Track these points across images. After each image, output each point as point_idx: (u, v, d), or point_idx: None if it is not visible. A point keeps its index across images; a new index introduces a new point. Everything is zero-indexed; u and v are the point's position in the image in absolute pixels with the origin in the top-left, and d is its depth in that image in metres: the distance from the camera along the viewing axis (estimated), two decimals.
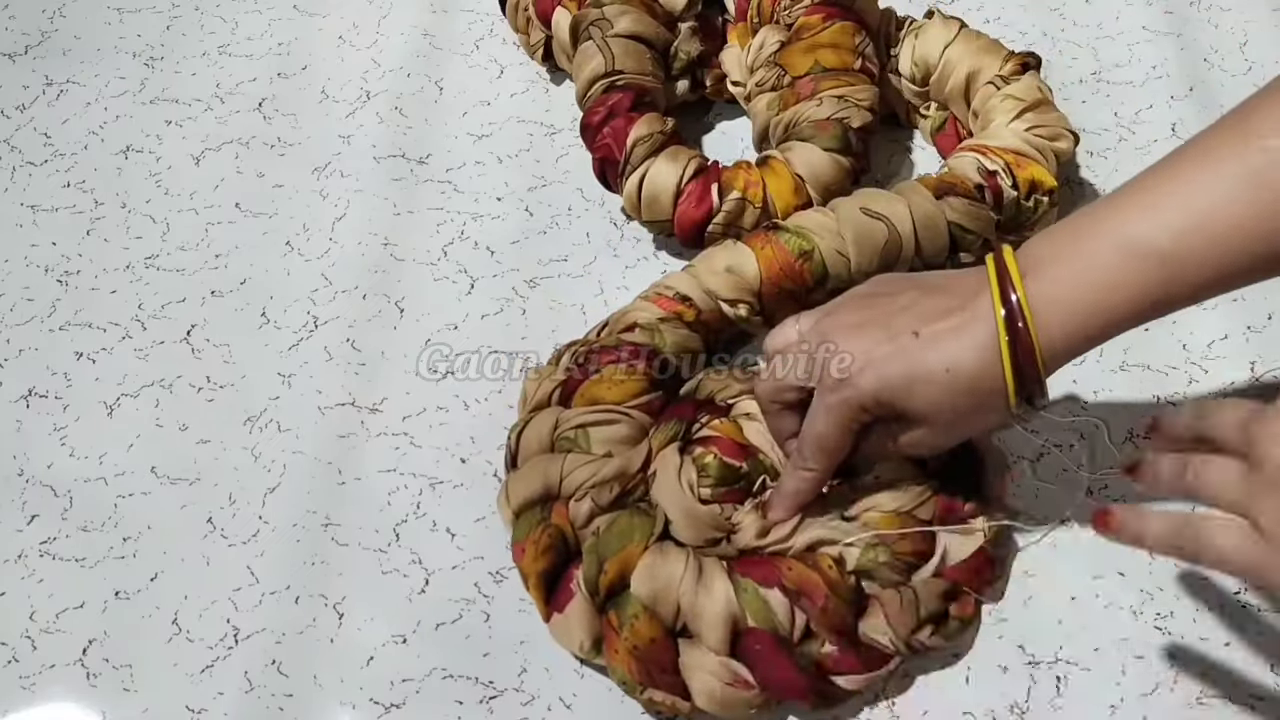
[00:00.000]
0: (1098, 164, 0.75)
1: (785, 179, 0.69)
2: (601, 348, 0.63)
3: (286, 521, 0.62)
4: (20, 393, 0.67)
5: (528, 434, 0.61)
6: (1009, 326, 0.52)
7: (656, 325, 0.64)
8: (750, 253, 0.65)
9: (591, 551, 0.57)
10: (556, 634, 0.57)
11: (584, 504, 0.58)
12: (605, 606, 0.56)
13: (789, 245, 0.64)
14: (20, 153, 0.78)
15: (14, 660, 0.58)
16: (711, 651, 0.55)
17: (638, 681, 0.55)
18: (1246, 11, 0.82)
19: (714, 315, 0.65)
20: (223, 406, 0.67)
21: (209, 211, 0.75)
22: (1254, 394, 0.66)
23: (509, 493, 0.60)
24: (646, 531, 0.57)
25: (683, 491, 0.58)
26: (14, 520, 0.63)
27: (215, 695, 0.57)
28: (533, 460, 0.60)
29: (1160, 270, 0.51)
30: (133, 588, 0.61)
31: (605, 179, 0.72)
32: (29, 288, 0.72)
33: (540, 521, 0.58)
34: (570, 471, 0.59)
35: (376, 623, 0.59)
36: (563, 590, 0.57)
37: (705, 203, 0.69)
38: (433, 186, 0.76)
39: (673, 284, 0.65)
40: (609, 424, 0.60)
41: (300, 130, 0.79)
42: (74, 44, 0.84)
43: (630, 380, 0.61)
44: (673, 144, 0.71)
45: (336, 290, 0.71)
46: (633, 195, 0.70)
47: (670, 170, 0.69)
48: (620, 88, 0.72)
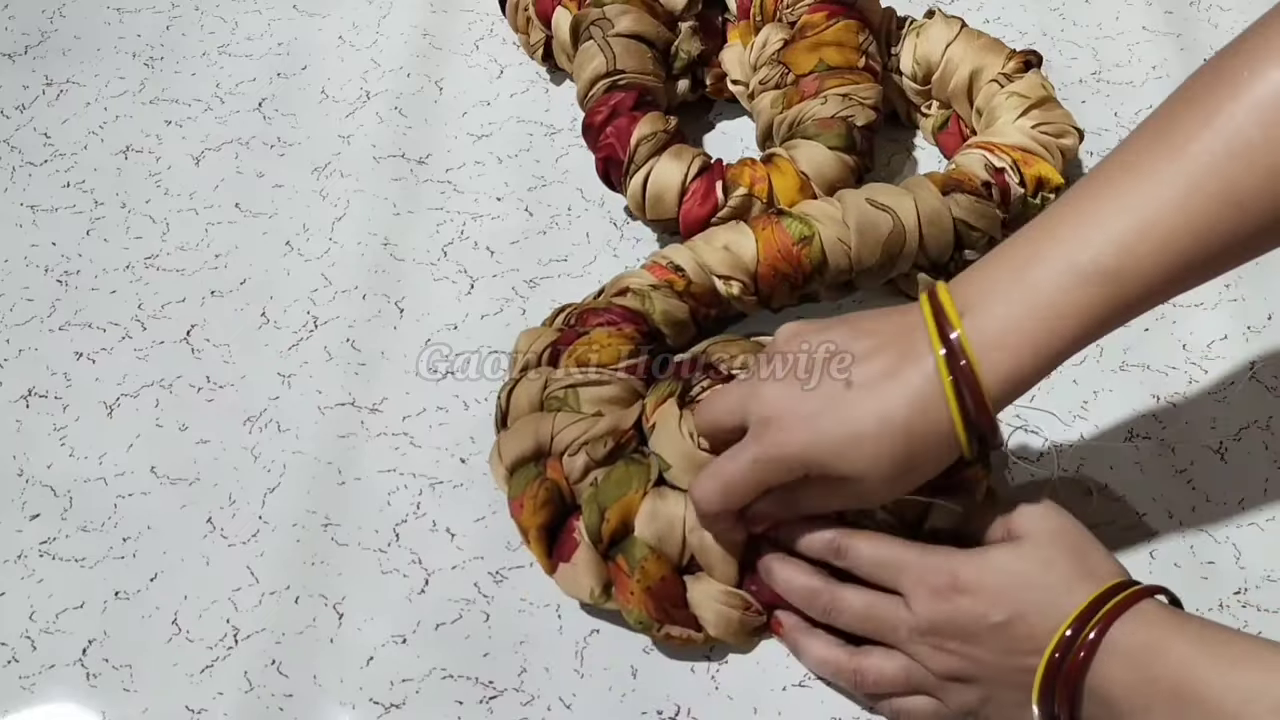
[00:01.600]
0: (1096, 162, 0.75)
1: (790, 177, 0.69)
2: (592, 309, 0.64)
3: (286, 521, 0.62)
4: (20, 393, 0.67)
5: (518, 394, 0.62)
6: (951, 367, 0.49)
7: (648, 291, 0.64)
8: (751, 233, 0.65)
9: (591, 501, 0.58)
10: (564, 584, 0.58)
11: (579, 458, 0.59)
12: (609, 553, 0.58)
13: (790, 230, 0.65)
14: (20, 153, 0.78)
15: (14, 660, 0.58)
16: (719, 584, 0.57)
17: (654, 619, 0.57)
18: (1246, 11, 0.82)
19: (705, 289, 0.65)
20: (223, 406, 0.67)
21: (209, 211, 0.75)
22: (1255, 393, 0.66)
23: (501, 450, 0.60)
24: (644, 479, 0.58)
25: (683, 439, 0.59)
26: (14, 520, 0.63)
27: (215, 695, 0.57)
28: (523, 419, 0.61)
29: (1107, 289, 0.49)
30: (133, 588, 0.61)
31: (609, 179, 0.72)
32: (29, 288, 0.72)
33: (536, 476, 0.59)
34: (561, 429, 0.60)
35: (376, 623, 0.59)
36: (565, 542, 0.58)
37: (710, 200, 0.69)
38: (433, 186, 0.76)
39: (669, 254, 0.66)
40: (598, 385, 0.61)
41: (300, 130, 0.79)
42: (74, 44, 0.84)
43: (618, 343, 0.62)
44: (676, 143, 0.71)
45: (336, 290, 0.71)
46: (637, 194, 0.70)
47: (675, 168, 0.69)
48: (622, 87, 0.72)
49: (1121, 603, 0.48)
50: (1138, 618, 0.48)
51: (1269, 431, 0.64)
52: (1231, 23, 0.81)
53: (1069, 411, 0.65)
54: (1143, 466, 0.63)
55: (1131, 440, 0.64)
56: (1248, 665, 0.46)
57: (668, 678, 0.58)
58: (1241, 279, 0.70)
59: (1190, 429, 0.65)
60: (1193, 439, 0.64)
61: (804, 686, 0.57)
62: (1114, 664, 0.48)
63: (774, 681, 0.58)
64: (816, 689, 0.57)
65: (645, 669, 0.58)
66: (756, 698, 0.57)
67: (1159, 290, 0.50)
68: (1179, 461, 0.64)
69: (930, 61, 0.74)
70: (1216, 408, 0.65)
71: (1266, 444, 0.64)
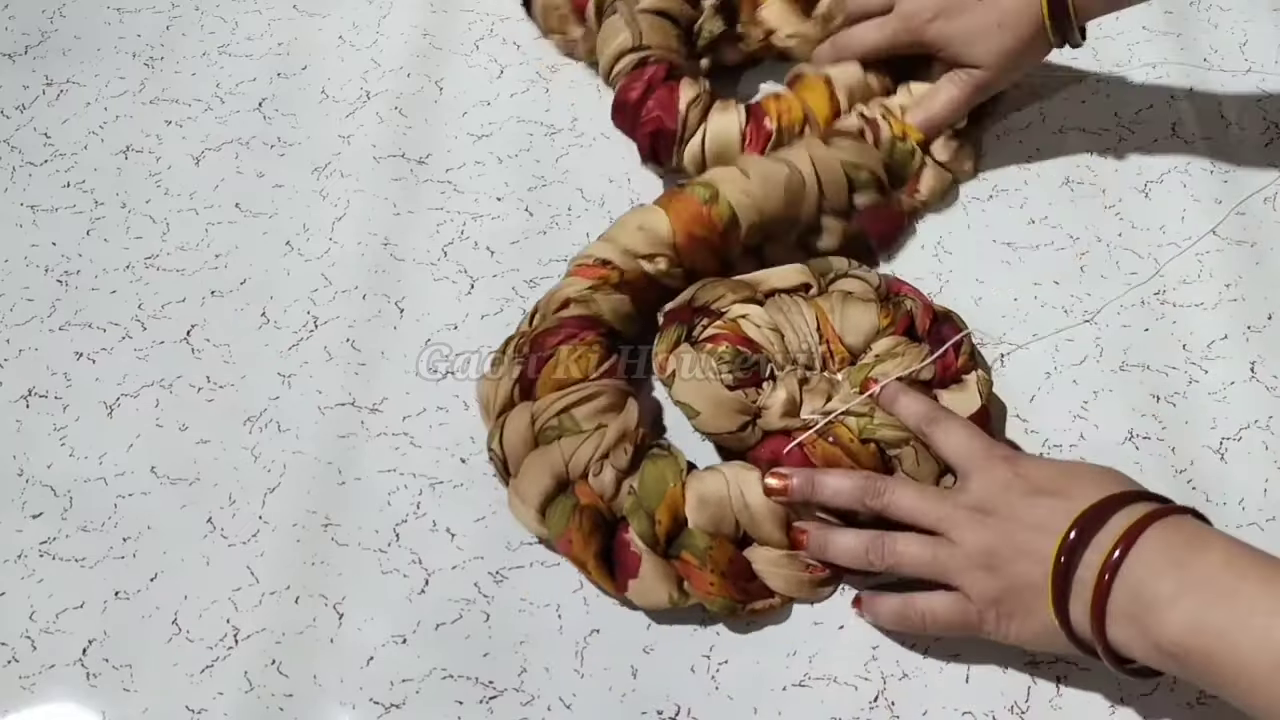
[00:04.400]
0: (1097, 164, 0.75)
1: (817, 88, 0.73)
2: (544, 332, 0.64)
3: (286, 521, 0.62)
4: (20, 393, 0.67)
5: (509, 437, 0.62)
6: None
7: (589, 295, 0.65)
8: (659, 209, 0.67)
9: (636, 509, 0.59)
10: (639, 599, 0.59)
11: (606, 473, 0.59)
12: (669, 553, 0.59)
13: (696, 194, 0.67)
14: (20, 153, 0.78)
15: (14, 660, 0.58)
16: (777, 549, 0.60)
17: (738, 601, 0.58)
18: (1246, 11, 0.82)
19: (637, 274, 0.66)
20: (223, 406, 0.67)
21: (209, 211, 0.75)
22: (1255, 393, 0.66)
23: (521, 495, 0.60)
24: (677, 469, 0.60)
25: (706, 380, 0.60)
26: (14, 520, 0.63)
27: (215, 695, 0.57)
28: (528, 458, 0.61)
29: None
30: (133, 588, 0.61)
31: (654, 152, 0.73)
32: (29, 288, 0.72)
33: (573, 507, 0.59)
34: (572, 453, 0.60)
35: (376, 623, 0.59)
36: (623, 559, 0.59)
37: (763, 135, 0.72)
38: (433, 186, 0.76)
39: (590, 252, 0.67)
40: (589, 399, 0.61)
41: (300, 130, 0.79)
42: (74, 44, 0.84)
43: (587, 352, 0.62)
44: (715, 100, 0.74)
45: (336, 290, 0.71)
46: (697, 156, 0.72)
47: (730, 121, 0.72)
48: (650, 62, 0.74)
49: (1155, 512, 0.51)
50: (1172, 524, 0.51)
51: (1269, 431, 0.64)
52: (1231, 23, 0.81)
53: (1069, 411, 0.65)
54: (1143, 466, 0.63)
55: (1131, 440, 0.64)
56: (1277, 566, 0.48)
57: (668, 678, 0.58)
58: (1241, 279, 0.70)
59: (1190, 429, 0.65)
60: (1193, 439, 0.64)
61: (804, 686, 0.57)
62: (1141, 562, 0.49)
63: (774, 681, 0.58)
64: (816, 689, 0.57)
65: (645, 669, 0.58)
66: (756, 698, 0.57)
67: None
68: (1179, 461, 0.64)
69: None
70: (1216, 408, 0.65)
71: (1266, 444, 0.64)
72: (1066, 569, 0.51)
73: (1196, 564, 0.48)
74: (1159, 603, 0.48)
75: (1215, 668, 0.47)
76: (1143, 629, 0.49)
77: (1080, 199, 0.74)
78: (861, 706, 0.57)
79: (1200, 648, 0.47)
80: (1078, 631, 0.51)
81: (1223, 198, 0.73)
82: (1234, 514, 0.62)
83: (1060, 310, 0.69)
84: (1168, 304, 0.69)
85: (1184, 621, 0.47)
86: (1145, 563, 0.49)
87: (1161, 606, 0.48)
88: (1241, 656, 0.46)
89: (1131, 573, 0.49)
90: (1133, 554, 0.49)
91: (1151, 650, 0.49)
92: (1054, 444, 0.64)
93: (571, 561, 0.60)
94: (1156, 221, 0.73)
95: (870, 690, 0.57)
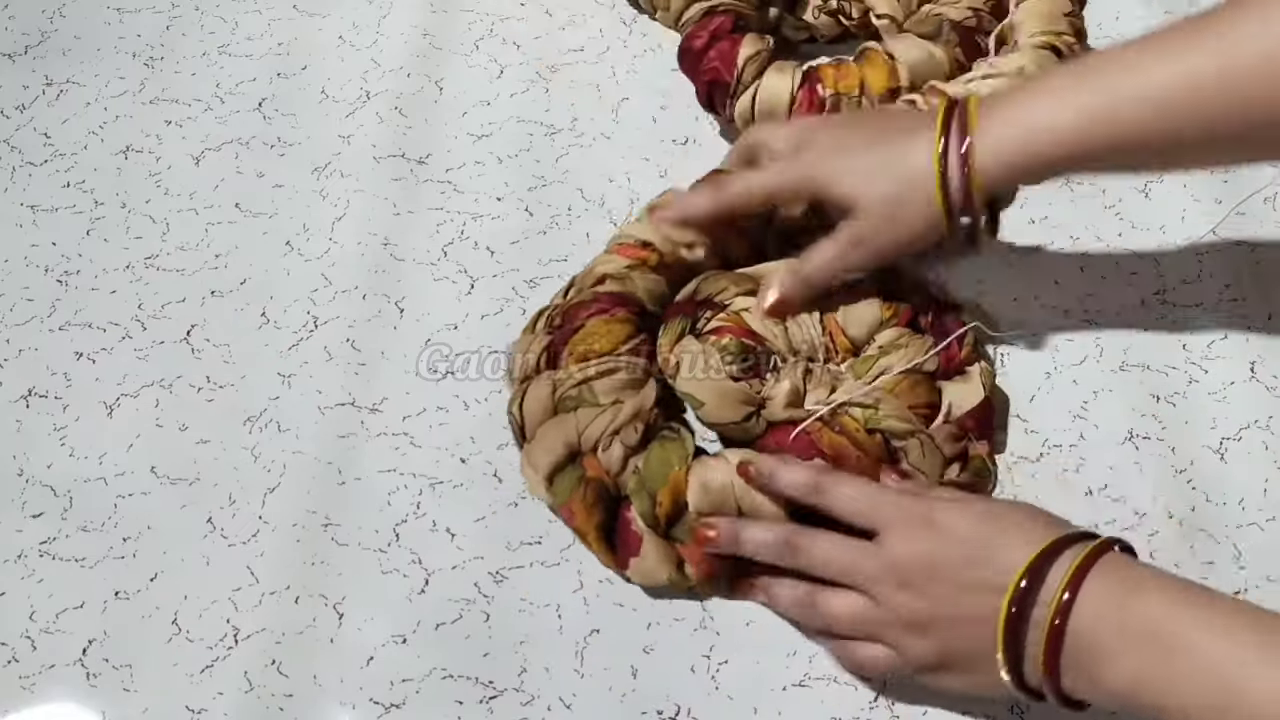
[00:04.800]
0: None
1: (880, 67, 0.74)
2: (578, 303, 0.64)
3: (286, 521, 0.62)
4: (20, 393, 0.67)
5: (529, 404, 0.62)
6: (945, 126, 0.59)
7: (626, 273, 0.65)
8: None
9: (639, 489, 0.59)
10: (638, 577, 0.59)
11: (614, 449, 0.60)
12: (670, 534, 0.59)
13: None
14: (20, 153, 0.78)
15: (14, 660, 0.58)
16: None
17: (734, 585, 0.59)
18: None
19: (675, 259, 0.67)
20: (223, 406, 0.67)
21: (209, 211, 0.75)
22: (1255, 393, 0.66)
23: (533, 462, 0.61)
24: (683, 453, 0.60)
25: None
26: (14, 520, 0.63)
27: (215, 695, 0.57)
28: (545, 425, 0.61)
29: (1098, 129, 0.57)
30: (133, 588, 0.61)
31: (711, 102, 0.76)
32: (29, 288, 0.72)
33: (578, 478, 0.59)
34: (586, 425, 0.60)
35: (376, 623, 0.59)
36: (625, 535, 0.59)
37: (814, 103, 0.74)
38: (433, 186, 0.76)
39: (631, 232, 0.67)
40: (610, 373, 0.61)
41: (300, 130, 0.79)
42: (74, 44, 0.84)
43: (617, 327, 0.63)
44: (775, 60, 0.75)
45: (336, 290, 0.71)
46: (746, 111, 0.74)
47: (782, 82, 0.74)
48: (721, 12, 0.75)
49: (1091, 553, 0.51)
50: (1107, 568, 0.50)
51: (1269, 431, 0.64)
52: None
53: (1069, 411, 0.65)
54: (1143, 466, 0.63)
55: (1131, 440, 0.64)
56: (1224, 613, 0.49)
57: (668, 678, 0.58)
58: (1241, 279, 0.70)
59: (1190, 429, 0.65)
60: (1193, 439, 0.64)
61: (804, 686, 0.57)
62: (1088, 610, 0.50)
63: (774, 681, 0.58)
64: (816, 689, 0.57)
65: (645, 669, 0.58)
66: (756, 698, 0.57)
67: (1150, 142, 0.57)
68: (1179, 461, 0.64)
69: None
70: (1216, 408, 0.65)
71: (1266, 444, 0.64)
72: (1017, 621, 0.51)
73: (1135, 616, 0.49)
74: (1105, 656, 0.49)
75: (1164, 713, 0.48)
76: (1092, 679, 0.50)
77: (1080, 199, 0.74)
78: (861, 706, 0.57)
79: (1149, 701, 0.49)
80: (1029, 682, 0.52)
81: (1223, 198, 0.73)
82: (1234, 514, 0.62)
83: (1060, 310, 0.69)
84: (1168, 304, 0.69)
85: (1129, 677, 0.49)
86: (1090, 615, 0.50)
87: (1107, 660, 0.49)
88: (1185, 703, 0.48)
89: (1080, 622, 0.50)
90: (1078, 605, 0.50)
91: (1103, 697, 0.50)
92: (1054, 444, 0.64)
93: (573, 531, 0.60)
94: (1156, 221, 0.73)
95: (870, 690, 0.57)
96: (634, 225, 0.67)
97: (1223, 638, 0.47)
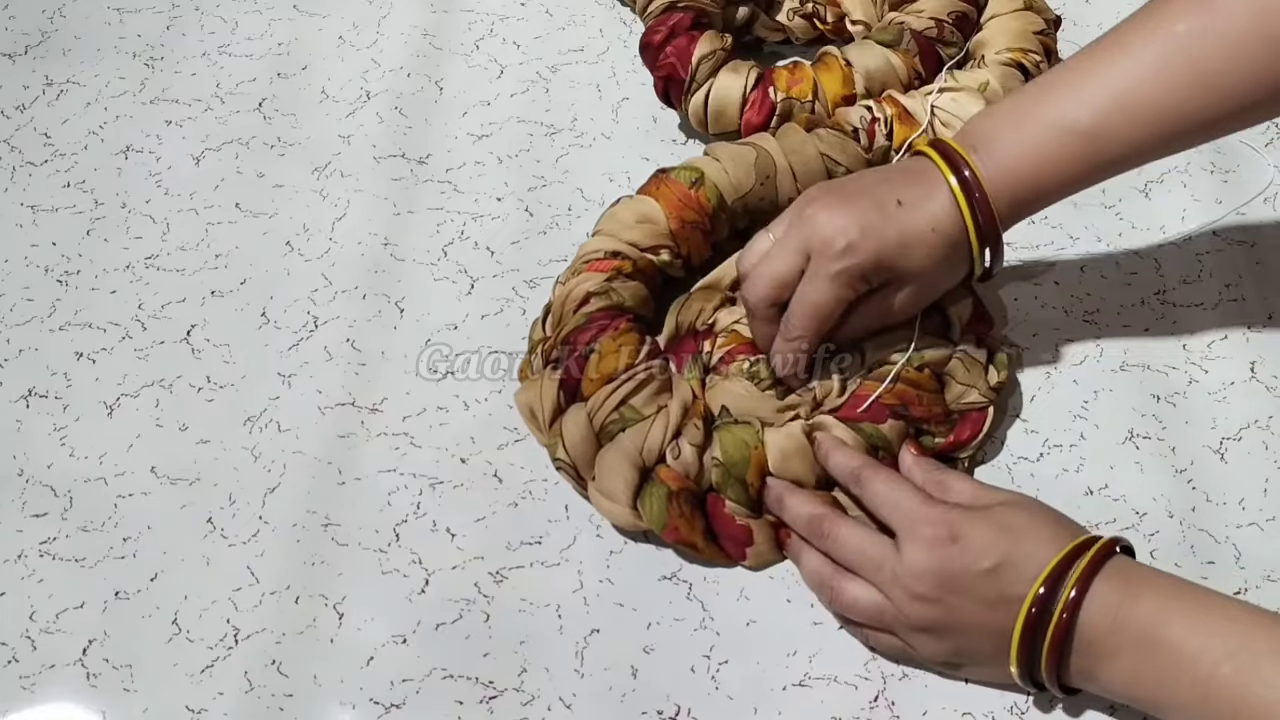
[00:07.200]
0: None
1: (836, 72, 0.74)
2: (575, 330, 0.63)
3: (286, 521, 0.62)
4: (20, 393, 0.67)
5: (572, 443, 0.61)
6: (965, 192, 0.59)
7: (608, 287, 0.65)
8: (650, 199, 0.68)
9: (725, 479, 0.60)
10: (757, 563, 0.61)
11: (686, 452, 0.60)
12: (767, 510, 0.61)
13: (680, 178, 0.68)
14: (20, 153, 0.78)
15: (14, 660, 0.58)
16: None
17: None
18: None
19: (646, 264, 0.67)
20: (223, 406, 0.67)
21: (209, 211, 0.75)
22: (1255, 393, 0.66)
23: (606, 493, 0.60)
24: (753, 431, 0.61)
25: (756, 404, 0.62)
26: (14, 520, 0.63)
27: (215, 695, 0.57)
28: (599, 456, 0.61)
29: (1085, 146, 0.59)
30: (133, 588, 0.61)
31: (668, 97, 0.76)
32: (29, 288, 0.72)
33: (667, 495, 0.59)
34: (644, 439, 0.60)
35: (376, 623, 0.59)
36: (725, 529, 0.60)
37: (766, 106, 0.73)
38: (433, 186, 0.76)
39: (594, 247, 0.67)
40: (643, 385, 0.61)
41: (300, 130, 0.79)
42: (74, 44, 0.84)
43: (626, 339, 0.63)
44: (732, 59, 0.75)
45: (336, 290, 0.71)
46: (699, 111, 0.74)
47: (734, 82, 0.74)
48: (680, 8, 0.75)
49: (1096, 557, 0.53)
50: (1111, 571, 0.53)
51: (1269, 431, 0.64)
52: None
53: (1069, 411, 0.65)
54: (1143, 466, 0.63)
55: (1131, 440, 0.64)
56: (1207, 614, 0.51)
57: (668, 678, 0.58)
58: (1241, 279, 0.70)
59: (1190, 429, 0.65)
60: (1193, 439, 0.64)
61: (804, 686, 0.57)
62: (1091, 613, 0.52)
63: (774, 681, 0.58)
64: (816, 689, 0.57)
65: (645, 669, 0.58)
66: (756, 698, 0.57)
67: (1130, 155, 0.60)
68: (1179, 461, 0.64)
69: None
70: (1216, 408, 0.65)
71: (1266, 444, 0.64)
72: (1035, 627, 0.52)
73: (1131, 618, 0.51)
74: (1104, 656, 0.52)
75: (1159, 708, 0.52)
76: (1092, 676, 0.53)
77: (1080, 199, 0.73)
78: (861, 706, 0.57)
79: (1143, 698, 0.52)
80: (1034, 675, 0.54)
81: (1223, 198, 0.73)
82: (1234, 514, 0.62)
83: (1060, 310, 0.69)
84: (1168, 304, 0.69)
85: (1125, 676, 0.52)
86: (1091, 616, 0.52)
87: (1105, 659, 0.52)
88: (1173, 703, 0.51)
89: (1083, 623, 0.52)
90: (1084, 607, 0.52)
91: (1104, 690, 0.53)
92: (1054, 444, 0.64)
93: (681, 545, 0.60)
94: (1156, 221, 0.73)
95: (870, 690, 0.57)
96: (594, 240, 0.67)
97: (1204, 637, 0.50)
